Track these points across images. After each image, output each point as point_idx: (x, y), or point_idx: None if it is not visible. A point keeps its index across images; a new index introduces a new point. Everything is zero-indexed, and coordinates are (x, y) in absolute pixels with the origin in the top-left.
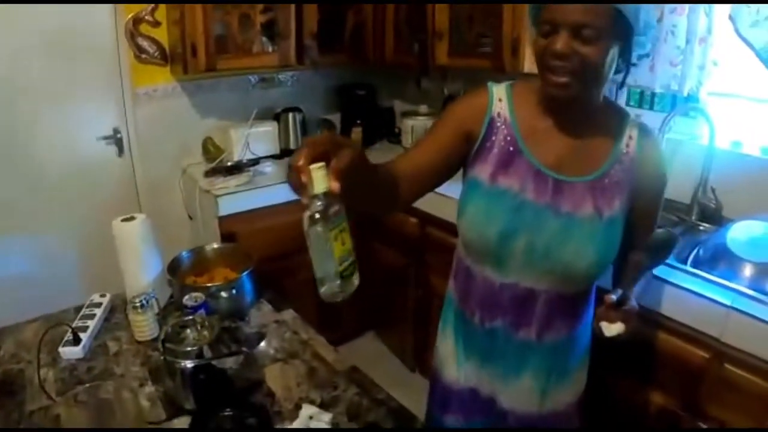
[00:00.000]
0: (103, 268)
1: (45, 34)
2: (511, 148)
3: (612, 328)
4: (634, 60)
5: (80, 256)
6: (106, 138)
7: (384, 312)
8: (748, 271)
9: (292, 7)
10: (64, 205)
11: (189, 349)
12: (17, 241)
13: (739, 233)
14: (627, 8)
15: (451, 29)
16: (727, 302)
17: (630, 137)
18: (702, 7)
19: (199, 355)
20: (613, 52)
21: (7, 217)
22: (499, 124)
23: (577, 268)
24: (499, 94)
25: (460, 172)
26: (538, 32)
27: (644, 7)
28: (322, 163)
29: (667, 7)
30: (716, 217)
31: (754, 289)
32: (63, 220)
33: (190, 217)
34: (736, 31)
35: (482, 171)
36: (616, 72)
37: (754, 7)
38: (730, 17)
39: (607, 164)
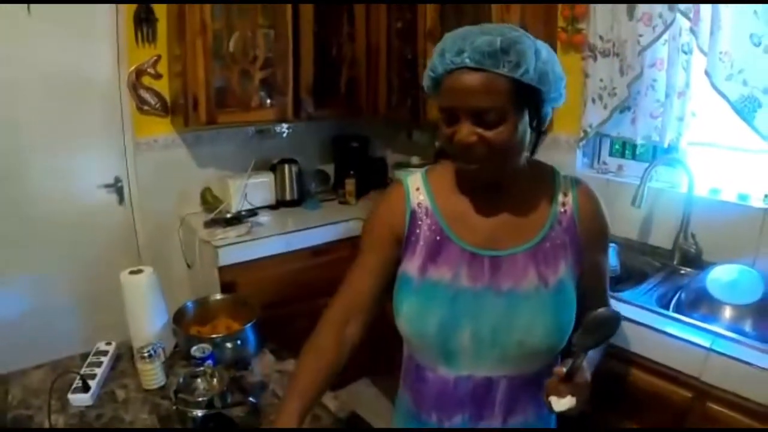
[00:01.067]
0: (104, 316)
1: (50, 84)
2: (438, 237)
3: (561, 403)
4: (546, 121)
5: (80, 303)
6: (107, 186)
7: (377, 357)
8: (727, 313)
9: (290, 62)
10: (65, 253)
11: (200, 399)
12: (17, 287)
13: (719, 277)
14: (527, 74)
15: None
16: (707, 344)
17: (564, 194)
18: (680, 62)
19: (210, 404)
20: (524, 122)
21: (6, 263)
22: (420, 215)
23: (531, 345)
24: (415, 183)
25: None
26: (441, 118)
27: (547, 61)
28: None
29: (647, 62)
30: (697, 262)
31: (733, 331)
32: (63, 267)
33: (189, 266)
34: (712, 84)
35: (411, 265)
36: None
37: (728, 61)
38: (706, 72)
39: (545, 228)
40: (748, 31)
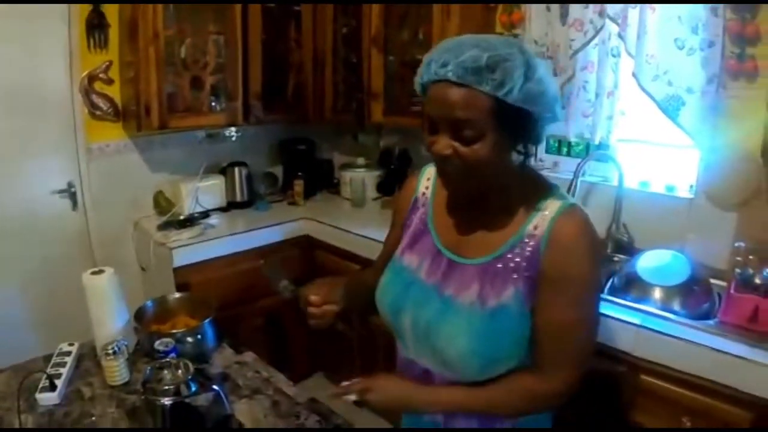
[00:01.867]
0: (61, 320)
1: (1, 88)
2: (422, 227)
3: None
4: (539, 140)
5: (36, 309)
6: (60, 192)
7: (330, 353)
8: (657, 294)
9: (240, 69)
10: (18, 258)
11: (167, 387)
12: None
13: (648, 261)
14: (511, 94)
15: (386, 90)
16: (638, 322)
17: (543, 218)
18: (609, 65)
19: (176, 393)
20: (504, 142)
21: None
22: (420, 204)
23: (450, 355)
24: (429, 173)
25: None
26: (424, 122)
27: (541, 81)
28: None
29: (579, 65)
30: (629, 249)
31: (663, 310)
32: (17, 275)
33: (143, 269)
34: (639, 85)
35: (400, 246)
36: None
37: (654, 63)
38: (634, 73)
39: (504, 247)
40: (673, 35)
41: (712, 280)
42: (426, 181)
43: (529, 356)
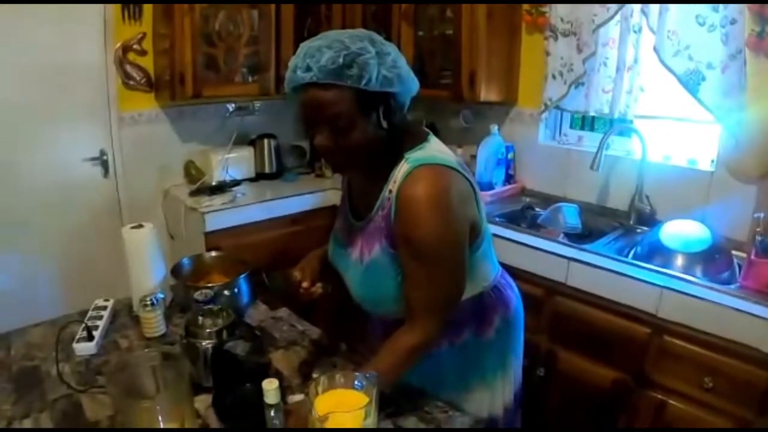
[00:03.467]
0: (92, 284)
1: (37, 60)
2: (344, 194)
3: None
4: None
5: (67, 273)
6: (92, 159)
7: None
8: (679, 261)
9: (273, 42)
10: (51, 223)
11: (208, 330)
12: (3, 257)
13: (671, 230)
14: (370, 83)
15: (416, 63)
16: (660, 283)
17: (394, 181)
18: (630, 41)
19: (218, 336)
20: (373, 123)
21: None
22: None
23: (356, 299)
24: None
25: None
26: (303, 124)
27: (394, 65)
28: None
29: (600, 41)
30: (651, 221)
31: (685, 274)
32: (49, 239)
33: (172, 237)
34: (660, 60)
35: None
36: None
37: (675, 38)
38: (655, 48)
39: (373, 210)
40: (694, 12)
41: (733, 251)
42: None
43: None
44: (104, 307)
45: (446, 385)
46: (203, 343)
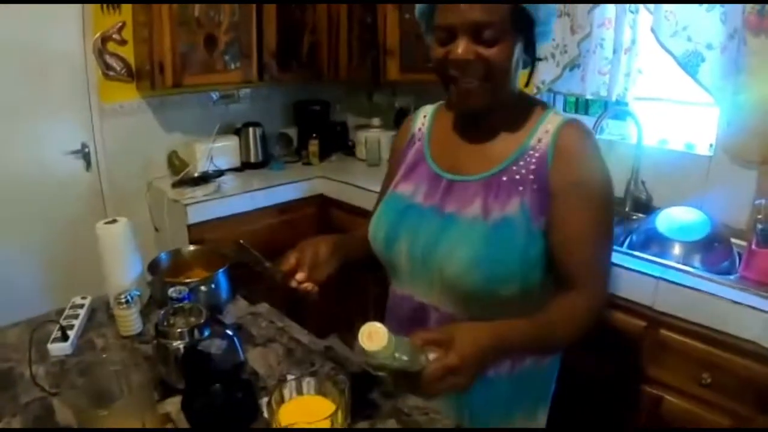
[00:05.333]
0: (73, 280)
1: (15, 52)
2: (418, 157)
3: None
4: (540, 53)
5: (48, 268)
6: (74, 152)
7: (345, 314)
8: (677, 250)
9: (254, 27)
10: (32, 219)
11: (180, 330)
12: None
13: (668, 217)
14: None
15: (402, 46)
16: (656, 274)
17: (546, 131)
18: (627, 21)
19: (190, 336)
20: (518, 48)
21: None
22: (417, 139)
23: (450, 276)
24: (425, 111)
25: None
26: (433, 40)
27: None
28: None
29: (596, 21)
30: (648, 207)
31: (683, 264)
32: (31, 234)
33: (156, 229)
34: (658, 41)
35: (394, 180)
36: (523, 67)
37: (672, 19)
38: (652, 29)
39: (507, 160)
40: None
41: (732, 239)
42: (422, 118)
43: (541, 279)
44: (81, 305)
45: (485, 418)
46: (174, 344)
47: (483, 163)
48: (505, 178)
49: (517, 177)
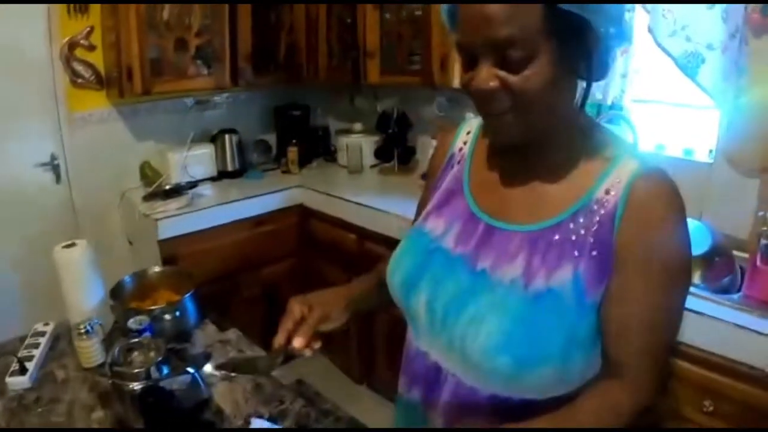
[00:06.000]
0: (44, 296)
1: None
2: (455, 187)
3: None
4: (606, 67)
5: (20, 285)
6: (43, 165)
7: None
8: None
9: (227, 30)
10: (1, 236)
11: (137, 371)
12: None
13: None
14: None
15: (382, 48)
16: None
17: (618, 180)
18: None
19: (147, 376)
20: (563, 63)
21: None
22: (456, 159)
23: (472, 349)
24: (469, 126)
25: None
26: (459, 60)
27: None
28: None
29: None
30: None
31: None
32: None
33: (130, 243)
34: (656, 41)
35: (425, 210)
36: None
37: (671, 17)
38: (650, 29)
39: (565, 214)
40: None
41: (734, 252)
42: (465, 135)
43: (584, 358)
44: (43, 333)
45: None
46: (130, 385)
47: (533, 210)
48: (557, 237)
49: (574, 238)
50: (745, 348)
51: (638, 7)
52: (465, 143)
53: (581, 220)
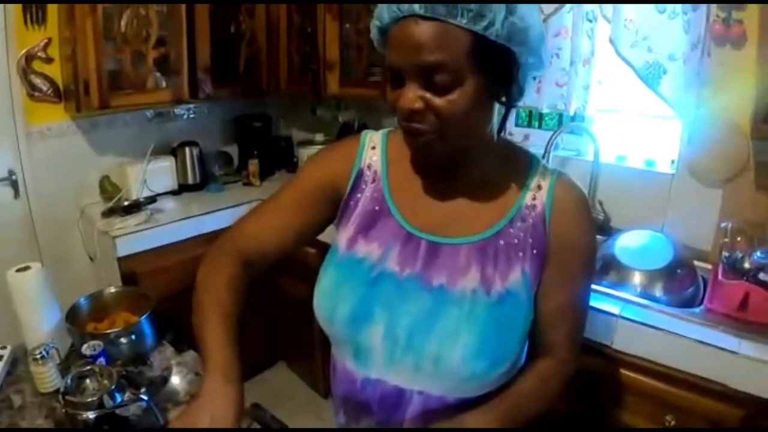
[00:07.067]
0: (3, 318)
1: None
2: (377, 207)
3: None
4: (521, 92)
5: None
6: (1, 180)
7: (292, 342)
8: (637, 279)
9: (185, 41)
10: None
11: (90, 399)
12: None
13: (627, 243)
14: (492, 28)
15: (342, 60)
16: (616, 311)
17: (539, 187)
18: (585, 31)
19: (100, 405)
20: (485, 91)
21: None
22: (369, 178)
23: (449, 364)
24: (373, 141)
25: None
26: (387, 78)
27: (524, 16)
28: None
29: (551, 31)
30: (606, 229)
31: (644, 296)
32: None
33: (92, 258)
34: (617, 51)
35: (342, 235)
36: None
37: (632, 28)
38: (611, 39)
39: (503, 221)
40: None
41: (696, 263)
42: (370, 150)
43: (524, 347)
44: (0, 357)
45: None
46: (84, 414)
47: (471, 222)
48: (502, 242)
49: (516, 241)
50: (706, 363)
51: (600, 17)
52: (374, 160)
53: (519, 224)
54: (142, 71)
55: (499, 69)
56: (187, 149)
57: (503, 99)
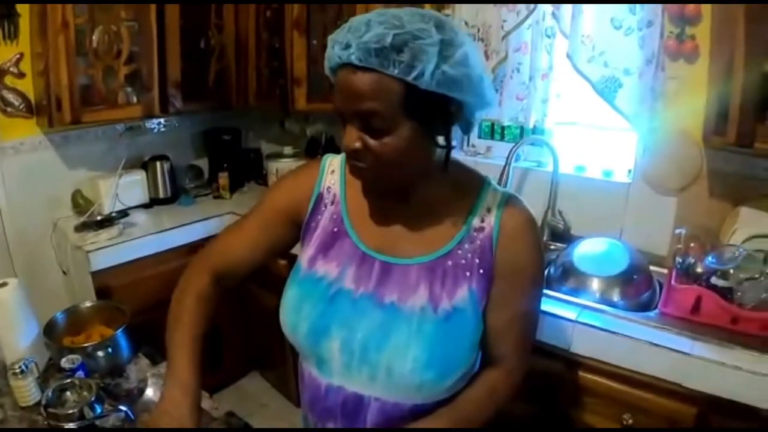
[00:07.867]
0: None
1: None
2: (336, 228)
3: None
4: (470, 128)
5: None
6: None
7: (265, 351)
8: (595, 285)
9: (155, 57)
10: None
11: (71, 411)
12: None
13: (585, 251)
14: (422, 78)
15: (309, 75)
16: (573, 317)
17: (488, 210)
18: (543, 46)
19: (81, 416)
20: (420, 133)
21: None
22: (326, 200)
23: (400, 375)
24: (332, 165)
25: None
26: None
27: (460, 63)
28: None
29: (512, 46)
30: (566, 237)
31: (602, 302)
32: None
33: (65, 273)
34: (575, 66)
35: (305, 253)
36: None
37: (589, 44)
38: (568, 55)
39: (451, 243)
40: (609, 14)
41: (653, 267)
42: (330, 174)
43: (476, 359)
44: None
45: None
46: (66, 426)
47: (422, 244)
48: (450, 263)
49: (463, 261)
50: (661, 364)
51: (558, 33)
52: (333, 183)
53: (467, 246)
54: (114, 87)
55: (435, 115)
56: (158, 163)
57: (442, 140)
